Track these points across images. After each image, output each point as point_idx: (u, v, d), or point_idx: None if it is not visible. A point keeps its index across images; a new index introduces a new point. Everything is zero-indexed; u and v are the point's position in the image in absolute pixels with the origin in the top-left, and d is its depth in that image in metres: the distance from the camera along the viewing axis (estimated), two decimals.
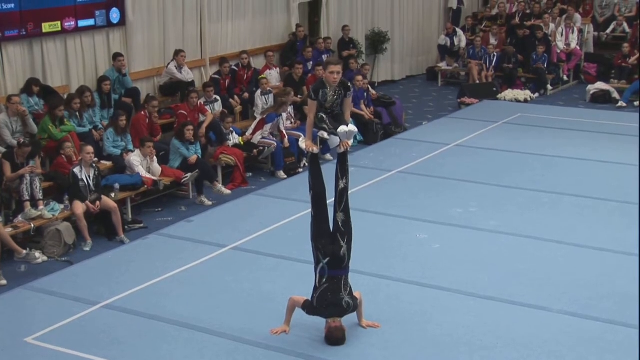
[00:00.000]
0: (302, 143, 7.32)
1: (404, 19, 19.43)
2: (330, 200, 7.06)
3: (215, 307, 7.77)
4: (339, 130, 6.90)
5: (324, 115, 7.01)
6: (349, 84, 7.19)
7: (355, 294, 7.10)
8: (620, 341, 7.09)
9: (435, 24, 20.49)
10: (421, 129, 14.92)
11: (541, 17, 19.14)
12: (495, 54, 18.18)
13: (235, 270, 8.67)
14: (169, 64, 13.44)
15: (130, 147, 11.41)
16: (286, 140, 12.75)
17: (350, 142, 7.23)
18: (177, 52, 13.39)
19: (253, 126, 12.93)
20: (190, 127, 11.56)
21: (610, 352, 6.91)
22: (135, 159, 11.00)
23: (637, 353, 6.81)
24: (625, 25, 19.15)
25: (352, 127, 6.96)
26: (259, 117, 13.05)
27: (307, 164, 8.42)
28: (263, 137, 12.67)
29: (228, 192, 11.61)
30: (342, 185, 7.00)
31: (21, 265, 9.33)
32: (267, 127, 12.70)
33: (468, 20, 20.52)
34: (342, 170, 7.04)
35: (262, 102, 13.65)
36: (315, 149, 7.20)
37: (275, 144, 12.56)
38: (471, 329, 7.29)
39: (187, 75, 13.49)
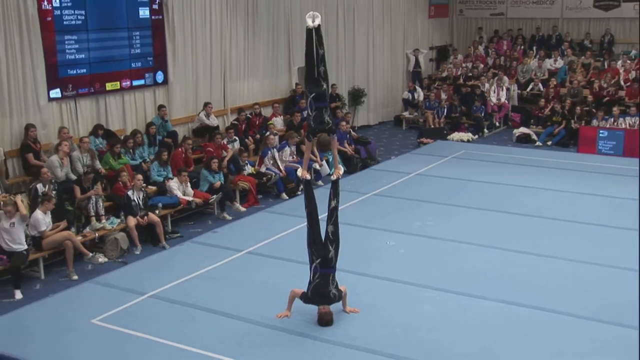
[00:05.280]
0: (299, 172, 7.32)
1: (377, 78, 19.50)
2: (323, 216, 7.05)
3: (234, 297, 7.73)
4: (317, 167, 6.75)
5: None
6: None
7: (341, 287, 7.07)
8: (545, 320, 7.03)
9: (400, 82, 20.55)
10: (390, 162, 14.91)
11: (479, 79, 19.26)
12: (445, 105, 18.26)
13: (250, 269, 8.63)
14: (199, 113, 13.47)
15: (170, 175, 11.41)
16: (282, 169, 12.73)
17: (341, 172, 7.22)
18: (206, 104, 13.44)
19: (258, 160, 12.96)
20: (216, 160, 11.58)
21: (540, 331, 6.87)
22: (174, 184, 11.00)
23: (589, 342, 6.77)
24: (540, 85, 19.31)
25: (323, 168, 6.88)
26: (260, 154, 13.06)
27: (302, 189, 8.39)
28: (267, 168, 12.68)
29: (244, 209, 11.59)
30: (333, 204, 6.97)
31: (88, 265, 9.34)
32: (266, 159, 12.70)
33: (425, 80, 20.63)
34: (334, 193, 7.01)
35: None
36: (308, 177, 7.21)
37: (277, 175, 12.56)
38: (428, 314, 7.27)
39: (213, 121, 13.52)
